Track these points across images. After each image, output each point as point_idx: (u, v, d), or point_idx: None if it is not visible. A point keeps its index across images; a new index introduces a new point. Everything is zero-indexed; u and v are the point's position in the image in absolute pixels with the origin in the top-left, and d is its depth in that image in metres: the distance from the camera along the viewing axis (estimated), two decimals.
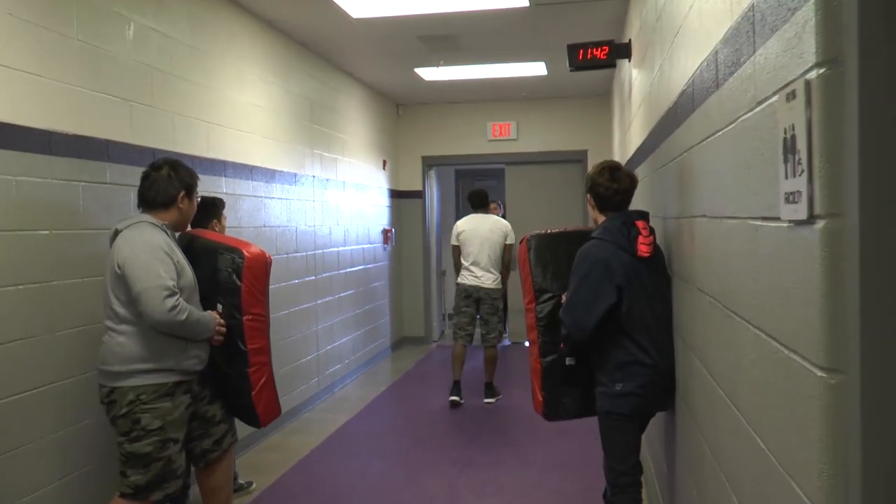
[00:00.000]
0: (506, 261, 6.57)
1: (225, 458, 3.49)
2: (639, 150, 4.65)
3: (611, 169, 3.16)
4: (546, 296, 3.32)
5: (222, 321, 3.30)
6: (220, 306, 3.36)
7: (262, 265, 3.41)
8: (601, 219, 3.15)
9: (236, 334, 3.34)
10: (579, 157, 9.48)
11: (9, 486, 3.08)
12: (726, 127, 1.89)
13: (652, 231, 3.01)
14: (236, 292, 3.33)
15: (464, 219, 6.72)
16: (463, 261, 6.54)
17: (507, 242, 6.53)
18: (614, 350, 2.97)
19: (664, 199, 3.28)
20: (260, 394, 3.44)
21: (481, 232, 6.44)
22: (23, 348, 3.16)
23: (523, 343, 9.55)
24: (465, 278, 6.47)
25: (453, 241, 6.66)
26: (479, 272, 6.42)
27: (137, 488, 3.07)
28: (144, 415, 3.05)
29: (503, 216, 9.56)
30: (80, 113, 3.54)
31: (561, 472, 4.72)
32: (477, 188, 6.98)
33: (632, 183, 3.16)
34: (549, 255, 3.35)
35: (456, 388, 6.55)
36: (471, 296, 6.46)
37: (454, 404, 6.46)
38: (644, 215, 3.06)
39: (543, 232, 3.47)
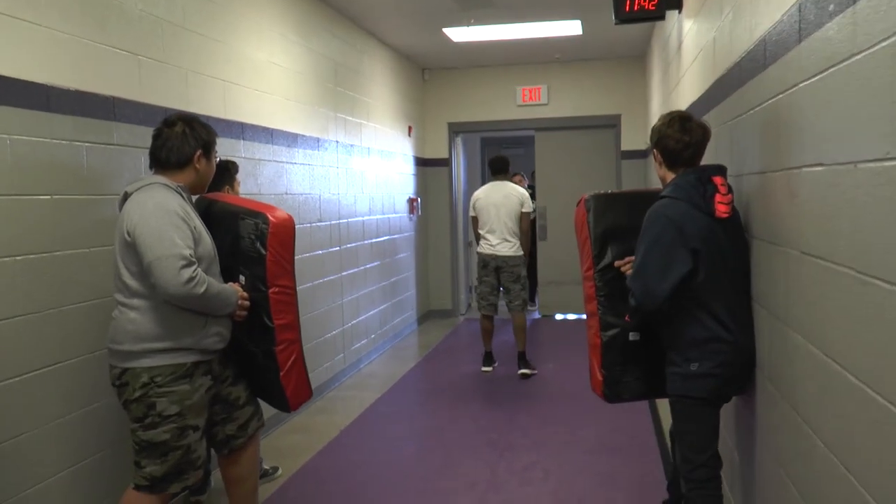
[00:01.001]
0: (523, 229, 6.37)
1: (250, 445, 3.18)
2: (692, 107, 4.24)
3: (681, 119, 2.77)
4: (606, 262, 2.96)
5: (245, 294, 2.97)
6: (242, 278, 3.02)
7: (289, 231, 3.06)
8: (670, 177, 2.77)
9: (261, 308, 3.01)
10: (612, 122, 9.05)
11: (11, 476, 2.78)
12: (869, 48, 1.51)
13: (730, 189, 2.63)
14: (260, 262, 2.99)
15: (480, 188, 6.60)
16: (480, 230, 6.44)
17: (524, 210, 6.35)
18: (688, 325, 2.61)
19: (740, 153, 2.89)
20: (289, 374, 3.10)
21: (495, 199, 6.35)
22: (24, 325, 2.85)
23: (553, 316, 9.20)
24: (482, 247, 6.41)
25: (471, 212, 6.56)
26: (494, 240, 6.32)
27: (153, 480, 2.77)
28: (160, 399, 2.73)
29: (530, 187, 9.19)
30: (82, 67, 3.20)
31: (610, 454, 4.38)
32: (498, 154, 6.81)
33: (704, 134, 2.77)
34: (611, 217, 2.98)
35: (488, 358, 6.57)
36: (488, 265, 6.37)
37: (487, 374, 6.46)
38: (722, 170, 2.67)
39: (602, 192, 3.10)
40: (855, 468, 1.64)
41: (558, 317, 9.23)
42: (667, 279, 2.53)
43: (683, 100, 4.78)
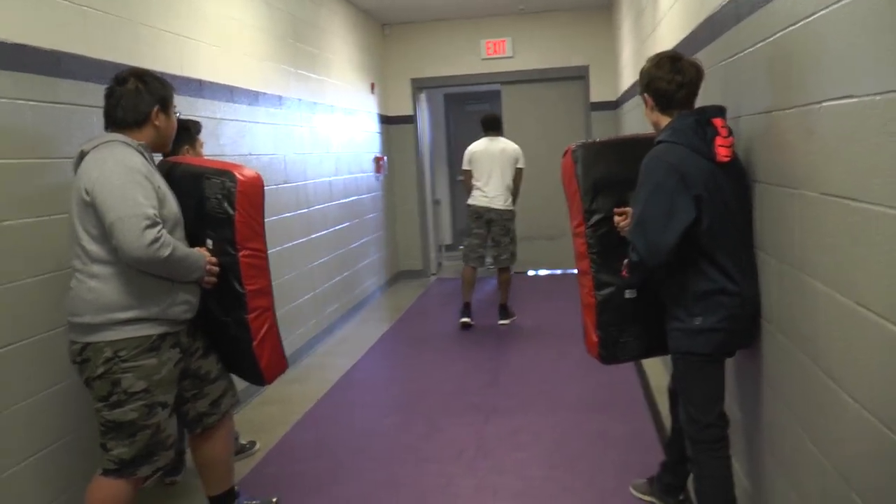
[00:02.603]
0: (516, 184, 6.45)
1: (224, 424, 2.99)
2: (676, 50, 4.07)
3: (671, 59, 2.59)
4: (598, 216, 2.79)
5: (213, 259, 2.75)
6: (209, 242, 2.81)
7: (258, 190, 2.86)
8: (664, 122, 2.59)
9: (231, 274, 2.80)
10: (581, 74, 8.86)
11: None
12: None
13: (731, 131, 2.47)
14: (229, 223, 2.77)
15: (475, 143, 6.57)
16: (475, 182, 6.43)
17: (518, 166, 6.42)
18: (691, 277, 2.46)
19: (737, 94, 2.73)
20: (262, 344, 2.91)
21: (493, 153, 6.39)
22: None
23: (526, 272, 9.08)
24: (476, 199, 6.39)
25: (465, 166, 6.54)
26: (491, 192, 6.33)
27: (122, 463, 2.57)
28: (125, 375, 2.53)
29: None
30: (19, 19, 2.90)
31: (597, 412, 4.27)
32: (490, 112, 6.89)
33: (698, 73, 2.59)
34: (602, 167, 2.80)
35: (466, 309, 6.51)
36: (481, 217, 6.36)
37: (465, 326, 6.43)
38: (722, 111, 2.50)
39: (591, 141, 2.92)
40: (891, 422, 1.51)
41: (530, 273, 9.11)
42: (671, 230, 2.37)
43: (661, 46, 4.60)
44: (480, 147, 6.46)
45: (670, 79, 2.55)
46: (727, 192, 2.44)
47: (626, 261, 2.56)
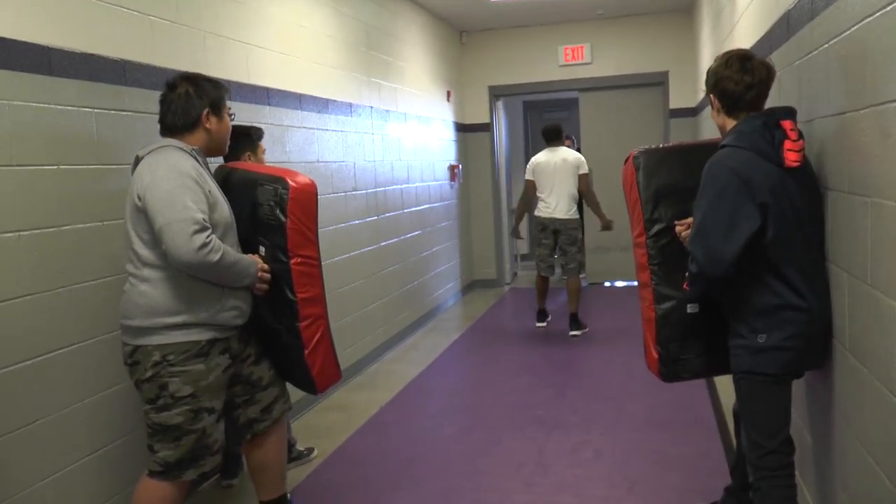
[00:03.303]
0: (582, 189, 6.49)
1: (276, 430, 2.97)
2: (752, 51, 3.87)
3: (740, 58, 2.42)
4: (659, 226, 2.65)
5: (265, 266, 2.75)
6: (262, 249, 2.80)
7: (311, 197, 2.83)
8: (730, 125, 2.44)
9: (283, 281, 2.78)
10: (660, 80, 8.60)
11: (26, 465, 2.62)
12: None
13: (801, 134, 2.30)
14: (280, 230, 2.76)
15: (537, 154, 6.67)
16: (539, 194, 6.53)
17: (581, 173, 6.45)
18: (755, 290, 2.29)
19: (810, 96, 2.55)
20: (314, 353, 2.88)
21: (554, 163, 6.46)
22: (32, 306, 2.67)
23: (602, 284, 8.87)
24: (541, 210, 6.52)
25: (528, 176, 6.64)
26: (553, 203, 6.42)
27: (167, 465, 2.59)
28: (173, 379, 2.54)
29: (578, 149, 8.85)
30: (87, 28, 2.98)
31: (663, 431, 4.08)
32: (551, 123, 6.86)
33: (769, 73, 2.42)
34: (665, 174, 2.66)
35: (541, 314, 6.73)
36: (546, 227, 6.48)
37: (541, 329, 6.65)
38: (791, 113, 2.33)
39: (653, 147, 2.79)
40: None
41: (606, 284, 8.90)
42: (733, 239, 2.22)
43: (738, 46, 4.39)
44: (542, 159, 6.52)
45: (739, 79, 2.39)
46: (796, 199, 2.26)
47: (687, 273, 2.42)
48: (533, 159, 6.64)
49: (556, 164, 6.41)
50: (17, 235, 2.62)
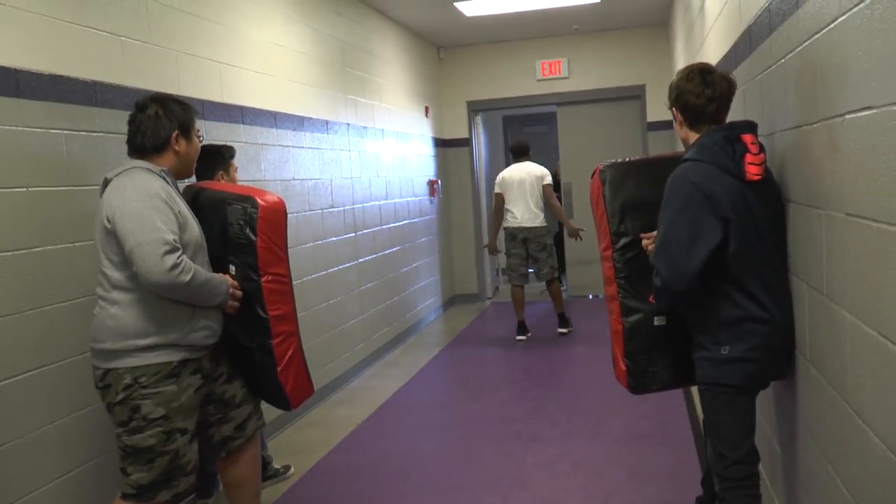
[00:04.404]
0: (548, 197, 6.78)
1: (250, 447, 2.97)
2: (718, 66, 3.93)
3: (701, 72, 2.46)
4: (626, 240, 2.68)
5: (236, 283, 2.75)
6: (232, 268, 2.81)
7: (280, 216, 2.84)
8: (693, 138, 2.47)
9: (254, 299, 2.79)
10: (637, 93, 8.69)
11: None
12: None
13: (762, 148, 2.33)
14: (251, 249, 2.77)
15: (505, 169, 7.00)
16: (507, 206, 6.82)
17: (545, 183, 6.75)
18: (718, 303, 2.32)
19: (771, 108, 2.59)
20: (287, 370, 2.89)
21: (517, 176, 6.77)
22: (2, 328, 2.66)
23: (587, 296, 8.91)
24: (509, 221, 6.79)
25: (496, 189, 6.92)
26: (518, 213, 6.71)
27: (141, 488, 2.57)
28: (144, 401, 2.53)
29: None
30: (56, 49, 2.99)
31: (640, 444, 4.10)
32: (518, 140, 7.29)
33: (730, 87, 2.46)
34: (632, 188, 2.70)
35: (521, 327, 6.88)
36: (516, 237, 6.74)
37: (521, 343, 6.77)
38: (752, 126, 2.37)
39: (620, 161, 2.82)
40: None
41: (590, 296, 8.93)
42: (695, 253, 2.25)
43: (708, 60, 4.46)
44: (508, 173, 6.84)
45: (700, 92, 2.43)
46: (758, 212, 2.30)
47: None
48: (500, 174, 6.94)
49: (522, 176, 6.72)
50: None
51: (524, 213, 6.70)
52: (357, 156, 6.19)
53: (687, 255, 2.26)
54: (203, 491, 3.56)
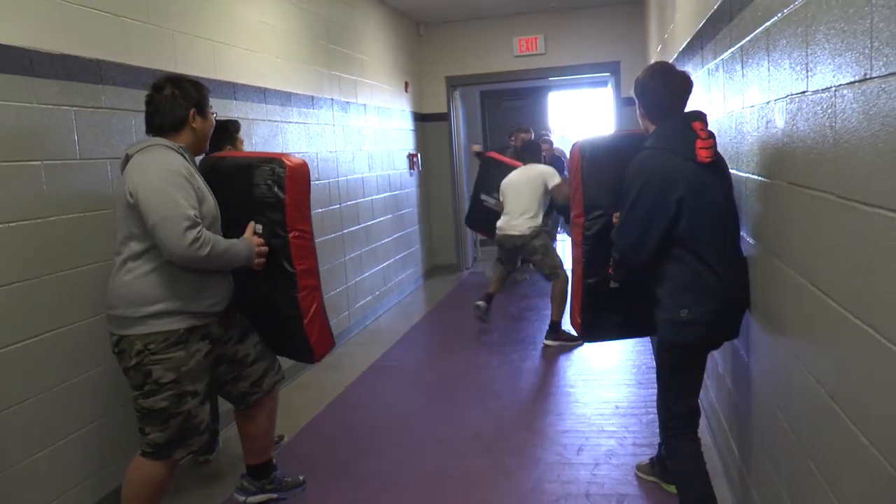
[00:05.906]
0: (555, 201, 6.28)
1: (268, 401, 3.22)
2: (686, 47, 4.18)
3: (662, 72, 2.72)
4: (597, 212, 2.94)
5: (262, 240, 2.96)
6: (259, 226, 3.00)
7: (305, 176, 3.07)
8: (653, 128, 2.73)
9: (281, 254, 3.00)
10: (613, 70, 8.92)
11: (20, 441, 2.83)
12: None
13: (711, 134, 2.58)
14: (279, 206, 2.98)
15: (510, 173, 6.33)
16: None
17: (551, 186, 6.01)
18: (678, 270, 2.56)
19: (733, 90, 2.85)
20: (312, 322, 3.11)
21: (518, 182, 6.13)
22: (21, 292, 2.86)
23: None
24: (499, 228, 6.21)
25: (500, 197, 6.32)
26: (504, 222, 6.13)
27: (157, 447, 2.79)
28: (155, 367, 2.72)
29: (546, 141, 8.91)
30: (64, 30, 3.16)
31: (619, 416, 4.38)
32: (529, 141, 6.69)
33: (686, 85, 2.72)
34: (608, 164, 2.95)
35: (486, 297, 6.40)
36: (503, 245, 6.25)
37: (476, 308, 6.37)
38: (701, 116, 2.63)
39: (598, 137, 3.08)
40: (850, 412, 1.62)
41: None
42: (651, 232, 2.51)
43: (679, 40, 4.71)
44: (509, 178, 6.23)
45: (657, 91, 2.69)
46: (714, 191, 2.53)
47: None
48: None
49: (521, 182, 6.08)
50: (6, 227, 2.81)
51: (508, 222, 6.04)
52: (341, 130, 6.39)
53: (643, 233, 2.53)
54: (205, 448, 3.80)
